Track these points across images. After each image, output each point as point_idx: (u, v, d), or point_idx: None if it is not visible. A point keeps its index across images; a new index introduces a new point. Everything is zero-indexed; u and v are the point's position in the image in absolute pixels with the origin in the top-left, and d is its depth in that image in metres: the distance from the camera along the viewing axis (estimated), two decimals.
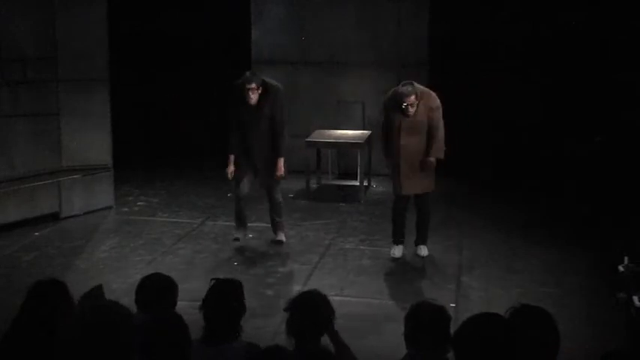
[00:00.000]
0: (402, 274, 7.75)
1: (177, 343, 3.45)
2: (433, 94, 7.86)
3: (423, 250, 8.12)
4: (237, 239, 8.48)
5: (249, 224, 8.55)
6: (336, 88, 11.69)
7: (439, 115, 7.82)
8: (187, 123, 12.52)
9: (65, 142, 9.53)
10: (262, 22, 11.77)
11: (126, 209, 9.98)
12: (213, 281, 4.36)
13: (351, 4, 11.59)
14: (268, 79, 8.20)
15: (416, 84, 7.82)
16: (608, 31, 11.39)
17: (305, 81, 11.80)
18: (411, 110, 7.66)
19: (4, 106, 8.98)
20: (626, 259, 6.92)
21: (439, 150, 7.89)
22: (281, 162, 8.23)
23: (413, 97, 7.63)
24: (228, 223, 9.04)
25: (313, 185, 10.91)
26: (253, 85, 7.96)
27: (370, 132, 10.88)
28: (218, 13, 13.14)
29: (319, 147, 10.89)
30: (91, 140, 9.66)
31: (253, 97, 7.98)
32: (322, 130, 11.18)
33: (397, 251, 8.10)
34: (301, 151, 10.66)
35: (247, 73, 8.14)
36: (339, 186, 11.01)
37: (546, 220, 9.43)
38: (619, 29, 11.23)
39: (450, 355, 2.88)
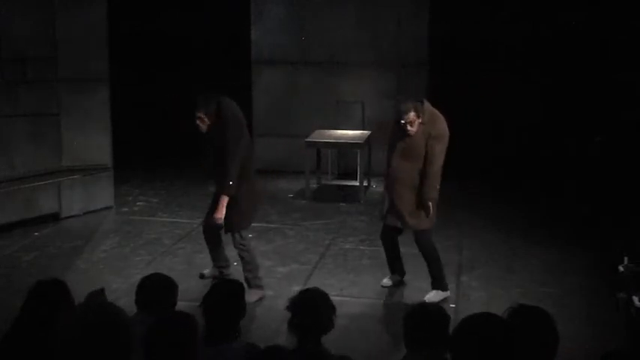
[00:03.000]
0: None
1: (183, 342, 3.44)
2: (441, 120, 6.83)
3: (429, 295, 7.04)
4: (201, 276, 7.37)
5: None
6: (336, 88, 11.69)
7: (437, 146, 6.75)
8: (187, 123, 12.51)
9: (65, 142, 9.53)
10: (262, 22, 11.77)
11: (126, 209, 9.98)
12: (214, 280, 4.37)
13: (351, 4, 11.59)
14: (226, 104, 6.95)
15: (426, 103, 6.89)
16: (608, 31, 11.40)
17: (305, 81, 11.81)
18: (410, 129, 6.72)
19: (4, 106, 8.98)
20: (626, 259, 6.91)
21: (430, 188, 6.78)
22: (222, 201, 6.86)
23: (412, 114, 6.69)
24: None
25: (313, 185, 10.92)
26: (199, 114, 6.87)
27: (370, 132, 10.89)
28: (218, 13, 13.16)
29: (319, 147, 10.90)
30: (91, 140, 9.66)
31: (202, 127, 6.91)
32: (322, 130, 11.18)
33: (386, 280, 7.42)
34: (301, 151, 10.68)
35: (199, 97, 6.95)
36: (339, 186, 11.01)
37: (546, 220, 9.42)
38: (619, 29, 11.25)
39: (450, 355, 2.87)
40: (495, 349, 2.65)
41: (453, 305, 6.79)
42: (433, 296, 7.01)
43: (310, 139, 10.74)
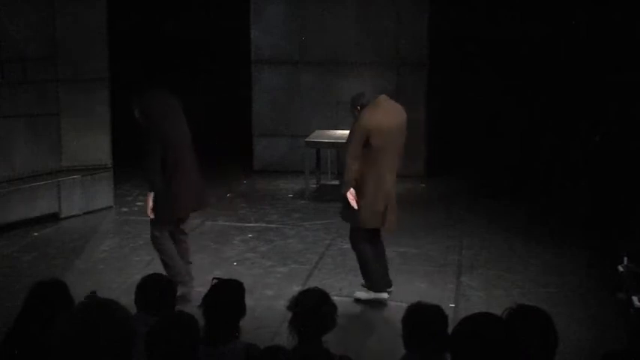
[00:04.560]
0: (401, 274, 7.73)
1: (183, 342, 3.44)
2: (370, 114, 6.55)
3: (357, 293, 7.04)
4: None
5: (248, 224, 8.45)
6: (336, 88, 11.69)
7: (351, 135, 6.61)
8: (186, 123, 12.51)
9: (65, 142, 9.53)
10: (262, 22, 11.77)
11: (125, 209, 9.98)
12: (215, 280, 4.37)
13: (351, 3, 11.60)
14: (147, 100, 6.95)
15: (380, 98, 6.75)
16: (607, 31, 11.40)
17: (305, 81, 11.81)
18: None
19: (4, 106, 8.98)
20: (626, 259, 6.92)
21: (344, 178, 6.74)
22: (147, 197, 6.97)
23: (350, 106, 6.87)
24: (228, 223, 9.05)
25: (313, 185, 10.92)
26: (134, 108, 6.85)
27: None
28: (218, 13, 13.16)
29: (319, 147, 10.90)
30: (91, 140, 9.66)
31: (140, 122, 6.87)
32: (322, 130, 11.18)
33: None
34: (301, 151, 10.68)
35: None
36: (339, 186, 10.99)
37: (546, 220, 9.42)
38: (619, 29, 11.24)
39: (448, 355, 2.87)
40: (495, 349, 2.65)
41: (453, 305, 6.79)
42: (360, 294, 6.98)
43: (310, 139, 10.74)
